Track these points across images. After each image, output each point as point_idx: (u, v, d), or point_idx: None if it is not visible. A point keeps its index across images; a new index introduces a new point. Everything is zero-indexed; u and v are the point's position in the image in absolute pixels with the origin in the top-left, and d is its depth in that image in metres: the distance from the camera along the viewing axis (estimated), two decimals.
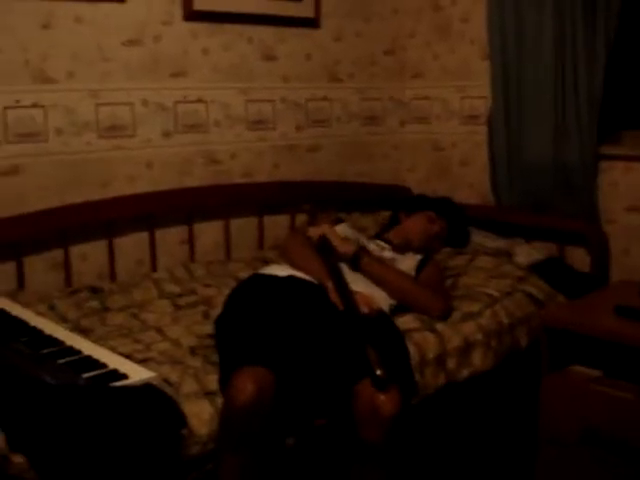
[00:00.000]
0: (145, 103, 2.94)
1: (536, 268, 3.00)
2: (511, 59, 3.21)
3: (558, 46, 3.03)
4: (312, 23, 3.41)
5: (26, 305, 2.42)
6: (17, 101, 2.63)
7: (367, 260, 2.53)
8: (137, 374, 1.79)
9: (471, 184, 3.61)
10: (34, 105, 2.67)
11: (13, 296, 2.53)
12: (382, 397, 1.96)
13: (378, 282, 2.50)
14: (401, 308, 2.52)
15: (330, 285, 2.35)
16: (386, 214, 3.37)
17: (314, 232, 2.58)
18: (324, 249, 2.50)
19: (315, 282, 2.42)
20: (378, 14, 3.69)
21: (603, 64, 2.95)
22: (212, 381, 2.02)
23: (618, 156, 3.07)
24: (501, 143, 3.30)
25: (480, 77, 3.45)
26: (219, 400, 1.94)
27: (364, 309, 2.25)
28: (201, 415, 1.90)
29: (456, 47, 3.60)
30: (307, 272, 2.46)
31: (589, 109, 3.00)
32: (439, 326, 2.47)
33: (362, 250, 2.57)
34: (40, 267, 2.73)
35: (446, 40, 3.63)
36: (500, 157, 3.32)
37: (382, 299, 2.45)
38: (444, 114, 3.69)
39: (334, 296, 2.31)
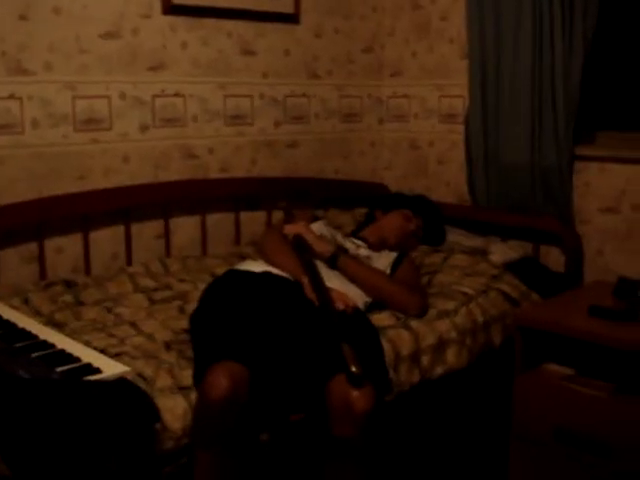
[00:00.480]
0: (123, 96, 2.92)
1: (511, 267, 3.02)
2: (489, 59, 3.23)
3: (536, 47, 3.05)
4: (292, 19, 3.41)
5: (0, 298, 2.40)
6: None
7: (344, 259, 2.53)
8: (111, 368, 1.78)
9: (448, 183, 3.63)
10: (10, 97, 2.64)
11: None
12: (356, 393, 1.96)
13: (354, 280, 2.50)
14: (376, 305, 2.53)
15: (306, 281, 2.35)
16: (363, 211, 3.38)
17: (290, 230, 2.58)
18: (300, 247, 2.50)
19: (291, 278, 2.42)
20: (358, 12, 3.69)
21: (580, 65, 2.98)
22: (186, 376, 2.02)
23: (592, 157, 3.09)
24: (478, 143, 3.32)
25: (459, 76, 3.47)
26: (193, 395, 1.94)
27: (339, 306, 2.26)
28: (175, 410, 1.89)
29: (435, 46, 3.61)
30: (283, 268, 2.46)
31: (566, 110, 3.02)
32: (414, 323, 2.48)
33: (340, 249, 2.58)
34: (15, 260, 2.71)
35: (425, 38, 3.65)
36: (477, 156, 3.34)
37: (357, 296, 2.46)
38: (422, 112, 3.70)
39: (310, 292, 2.32)
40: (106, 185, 2.90)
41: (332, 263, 2.51)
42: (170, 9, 2.99)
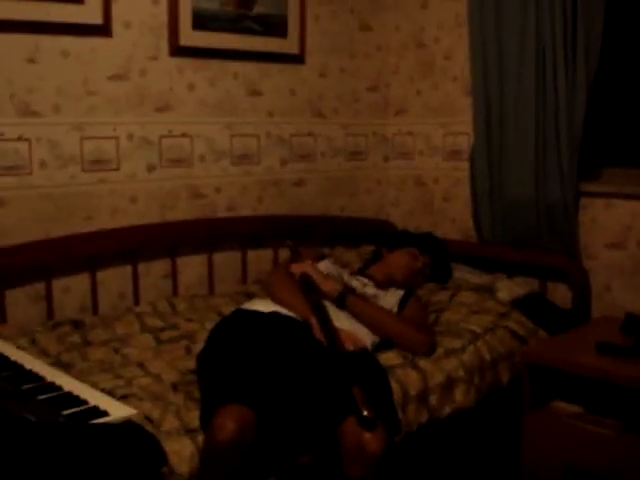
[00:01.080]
0: (130, 137, 2.95)
1: (518, 303, 3.01)
2: (493, 96, 3.25)
3: (539, 84, 3.08)
4: (297, 59, 3.45)
5: (7, 339, 2.41)
6: (1, 134, 2.64)
7: (353, 299, 2.53)
8: (118, 411, 1.77)
9: (453, 219, 3.64)
10: (19, 138, 2.68)
11: None
12: (368, 435, 1.97)
13: (362, 319, 2.50)
14: (384, 344, 2.52)
15: (314, 322, 2.35)
16: (369, 249, 3.38)
17: (296, 269, 2.59)
18: (307, 286, 2.50)
19: (299, 319, 2.42)
20: (362, 50, 3.74)
21: (584, 102, 2.99)
22: (194, 418, 2.01)
23: (598, 193, 3.10)
24: (483, 179, 3.34)
25: (463, 113, 3.50)
26: (200, 437, 1.93)
27: (349, 347, 2.26)
28: (182, 453, 1.88)
29: (439, 84, 3.65)
30: (290, 308, 2.46)
31: (570, 147, 3.04)
32: (421, 362, 2.47)
33: (347, 289, 2.58)
34: (22, 300, 2.72)
35: (429, 77, 3.68)
36: (482, 193, 3.36)
37: (365, 336, 2.46)
38: (427, 150, 3.73)
39: (318, 333, 2.31)
40: (113, 225, 2.92)
41: (340, 302, 2.51)
42: (177, 51, 3.03)
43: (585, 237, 3.14)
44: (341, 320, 2.41)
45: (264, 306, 2.50)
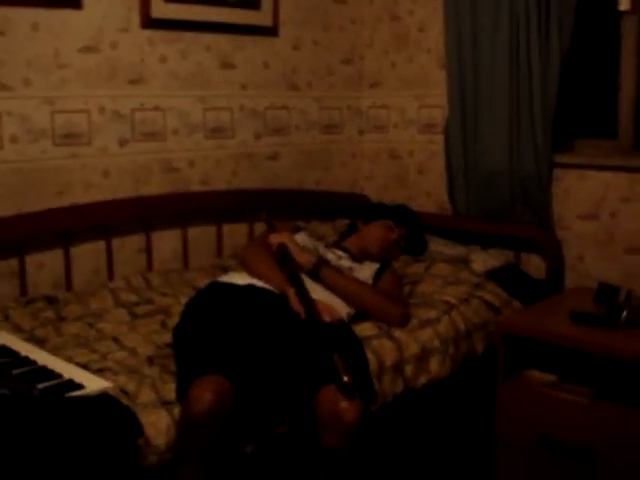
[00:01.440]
0: (102, 111, 2.92)
1: (493, 275, 3.03)
2: (467, 68, 3.25)
3: (513, 56, 3.08)
4: (270, 31, 3.42)
5: None
6: None
7: (327, 271, 2.54)
8: (93, 384, 1.77)
9: (428, 192, 3.65)
10: None
11: None
12: (345, 404, 1.97)
13: (336, 291, 2.50)
14: (359, 316, 2.53)
15: (291, 293, 2.35)
16: (344, 222, 3.39)
17: (274, 239, 2.58)
18: (283, 258, 2.50)
19: (275, 291, 2.42)
20: (336, 23, 3.71)
21: (557, 74, 3.01)
22: (170, 391, 2.01)
23: (571, 164, 3.12)
24: (457, 152, 3.35)
25: (437, 86, 3.50)
26: (177, 410, 1.93)
27: (326, 318, 2.26)
28: (158, 424, 1.88)
29: (414, 56, 3.63)
30: (267, 281, 2.46)
31: (543, 119, 3.05)
32: (397, 333, 2.48)
33: (322, 261, 2.58)
34: None
35: (404, 49, 3.67)
36: (456, 166, 3.37)
37: (340, 307, 2.46)
38: (402, 123, 3.72)
39: (295, 304, 2.32)
40: (86, 200, 2.89)
41: (314, 274, 2.51)
42: (149, 23, 2.99)
43: (558, 208, 3.17)
44: (316, 292, 2.41)
45: (240, 279, 2.50)
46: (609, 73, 3.09)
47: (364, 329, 2.46)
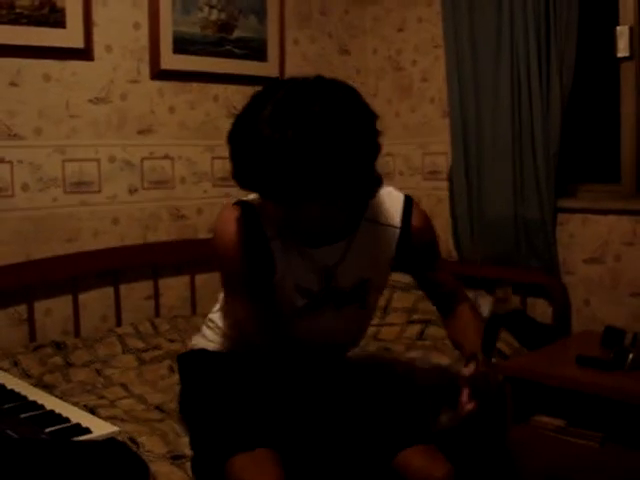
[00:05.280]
0: (112, 159, 2.97)
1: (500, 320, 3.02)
2: (470, 116, 3.30)
3: (514, 103, 3.13)
4: None
5: None
6: None
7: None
8: (100, 428, 1.77)
9: None
10: (0, 161, 2.68)
11: None
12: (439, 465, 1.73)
13: None
14: None
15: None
16: None
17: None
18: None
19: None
20: (341, 74, 3.77)
21: (559, 119, 3.04)
22: (181, 445, 1.92)
23: (575, 209, 3.15)
24: (462, 198, 3.37)
25: (441, 134, 3.54)
26: (188, 465, 1.83)
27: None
28: (171, 477, 1.81)
29: (417, 105, 3.69)
30: None
31: (546, 164, 3.08)
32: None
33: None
34: (4, 322, 2.71)
35: (407, 99, 3.73)
36: (461, 212, 3.39)
37: None
38: (407, 170, 3.76)
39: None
40: (95, 247, 2.93)
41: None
42: (158, 74, 3.06)
43: (563, 253, 3.18)
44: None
45: None
46: (610, 117, 3.13)
47: None
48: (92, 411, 2.09)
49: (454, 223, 3.45)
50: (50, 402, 1.93)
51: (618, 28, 2.96)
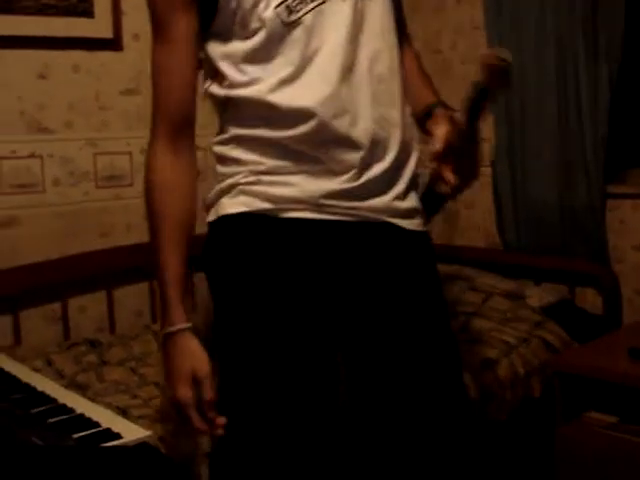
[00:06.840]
0: (143, 152, 2.88)
1: (548, 311, 2.92)
2: (514, 99, 3.18)
3: (561, 86, 3.00)
4: None
5: (22, 360, 2.35)
6: (13, 151, 2.61)
7: None
8: (132, 433, 1.71)
9: (477, 227, 3.55)
10: (30, 155, 2.64)
11: (9, 351, 2.47)
12: None
13: None
14: None
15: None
16: None
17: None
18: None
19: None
20: None
21: (607, 99, 2.92)
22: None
23: (625, 194, 3.02)
24: (505, 184, 3.26)
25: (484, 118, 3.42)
26: None
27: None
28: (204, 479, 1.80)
29: (458, 89, 3.56)
30: None
31: (594, 148, 2.96)
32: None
33: None
34: (37, 321, 2.68)
35: (448, 81, 3.61)
36: (505, 199, 3.28)
37: None
38: None
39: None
40: (129, 241, 2.87)
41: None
42: None
43: (613, 240, 3.05)
44: None
45: None
46: None
47: None
48: (124, 412, 2.03)
49: (498, 211, 3.34)
50: (80, 405, 1.88)
51: None
